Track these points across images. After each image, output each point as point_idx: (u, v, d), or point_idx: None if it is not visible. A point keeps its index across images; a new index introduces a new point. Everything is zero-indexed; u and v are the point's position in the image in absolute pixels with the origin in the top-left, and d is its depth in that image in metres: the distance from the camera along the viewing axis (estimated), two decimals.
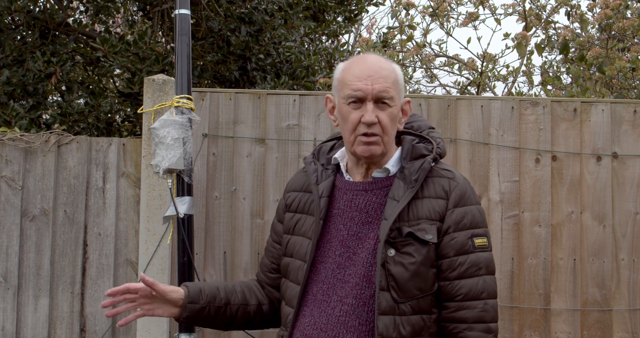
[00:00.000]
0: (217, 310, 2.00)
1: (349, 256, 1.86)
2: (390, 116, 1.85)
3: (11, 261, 3.24)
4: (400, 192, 1.84)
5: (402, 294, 1.79)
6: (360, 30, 9.34)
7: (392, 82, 1.85)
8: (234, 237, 3.26)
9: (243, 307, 2.04)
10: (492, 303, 1.84)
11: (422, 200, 1.85)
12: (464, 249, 1.83)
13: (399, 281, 1.79)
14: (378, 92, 1.83)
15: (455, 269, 1.83)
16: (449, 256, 1.83)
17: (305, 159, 2.05)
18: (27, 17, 4.51)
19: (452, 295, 1.83)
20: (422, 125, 2.02)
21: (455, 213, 1.84)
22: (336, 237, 1.89)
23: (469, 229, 1.85)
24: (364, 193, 1.90)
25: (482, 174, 3.30)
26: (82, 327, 3.25)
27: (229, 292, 2.04)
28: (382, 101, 1.84)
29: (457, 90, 6.79)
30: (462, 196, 1.86)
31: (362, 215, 1.88)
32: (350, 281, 1.84)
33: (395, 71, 1.88)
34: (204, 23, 4.96)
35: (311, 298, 1.88)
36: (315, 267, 1.90)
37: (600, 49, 4.86)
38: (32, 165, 3.28)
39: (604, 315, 3.27)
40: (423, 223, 1.83)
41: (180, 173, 2.91)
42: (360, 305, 1.82)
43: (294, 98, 3.33)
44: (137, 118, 4.79)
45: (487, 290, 1.83)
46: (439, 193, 1.86)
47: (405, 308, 1.79)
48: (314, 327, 1.85)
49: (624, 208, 3.30)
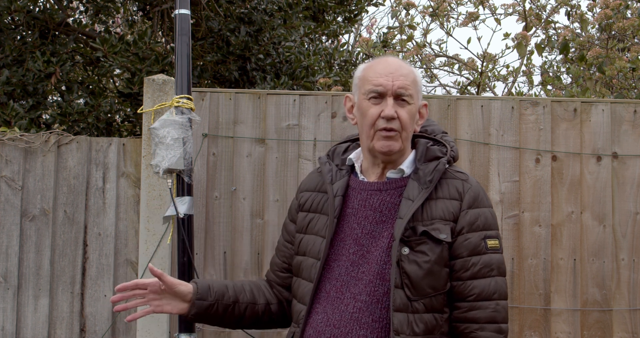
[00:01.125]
0: (225, 308, 2.01)
1: (362, 254, 1.89)
2: (409, 113, 1.89)
3: (11, 261, 3.24)
4: (415, 192, 1.87)
5: (416, 292, 1.81)
6: (360, 30, 9.34)
7: (412, 81, 1.90)
8: (234, 237, 3.25)
9: (251, 305, 2.05)
10: (504, 304, 1.87)
11: (437, 201, 1.88)
12: (477, 250, 1.86)
13: (413, 279, 1.81)
14: (398, 88, 1.87)
15: (468, 269, 1.85)
16: (462, 257, 1.86)
17: (320, 159, 2.08)
18: (27, 17, 4.51)
19: (464, 295, 1.85)
20: (435, 129, 2.06)
21: (469, 214, 1.88)
22: (350, 236, 1.91)
23: (482, 230, 1.88)
24: (379, 192, 1.92)
25: (482, 174, 3.30)
26: (82, 327, 3.25)
27: (237, 290, 2.05)
28: (401, 97, 1.88)
29: (457, 90, 6.78)
30: (475, 198, 1.89)
31: (376, 214, 1.90)
32: (364, 279, 1.86)
33: (414, 72, 1.94)
34: (203, 23, 4.96)
35: (324, 295, 1.90)
36: (329, 265, 1.92)
37: (601, 49, 4.86)
38: (32, 165, 3.28)
39: (604, 315, 3.27)
40: (437, 223, 1.85)
41: (180, 173, 2.91)
42: (374, 302, 1.84)
43: (294, 98, 3.33)
44: (137, 118, 4.79)
45: (498, 290, 1.86)
46: (453, 195, 1.89)
47: (418, 306, 1.82)
48: (327, 324, 1.87)
49: (624, 208, 3.30)
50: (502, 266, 1.90)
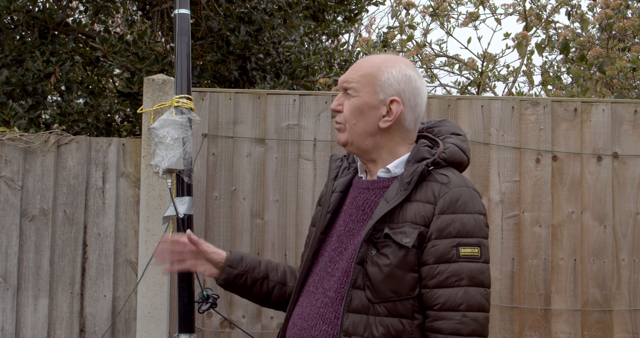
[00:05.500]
0: (253, 281, 2.03)
1: (340, 251, 1.89)
2: (351, 106, 1.87)
3: (10, 261, 3.23)
4: (393, 193, 1.83)
5: (377, 294, 1.77)
6: (360, 30, 9.34)
7: (361, 75, 1.86)
8: (234, 237, 3.25)
9: (280, 285, 2.06)
10: (474, 316, 1.74)
11: (412, 203, 1.82)
12: (446, 257, 1.76)
13: (373, 281, 1.77)
14: (342, 82, 1.89)
15: (434, 277, 1.76)
16: (428, 263, 1.77)
17: (332, 156, 2.09)
18: (26, 17, 4.50)
19: (430, 303, 1.77)
20: (443, 130, 1.98)
21: (441, 220, 1.78)
22: (335, 232, 1.93)
23: (454, 237, 1.77)
24: (366, 191, 1.92)
25: (483, 174, 3.29)
26: (82, 327, 3.24)
27: (270, 268, 2.07)
28: (346, 91, 1.89)
29: (458, 90, 6.78)
30: (451, 203, 1.79)
31: (358, 212, 1.89)
32: (335, 275, 1.86)
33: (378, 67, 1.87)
34: (203, 23, 4.96)
35: (306, 288, 1.93)
36: (317, 259, 1.94)
37: (601, 49, 4.86)
38: (31, 165, 3.28)
39: (604, 315, 3.26)
40: (407, 227, 1.79)
41: (180, 173, 2.90)
42: (338, 299, 1.82)
43: (294, 98, 3.32)
44: (136, 118, 4.79)
45: (467, 301, 1.74)
46: (429, 198, 1.81)
47: (379, 309, 1.77)
48: (300, 317, 1.89)
49: (625, 208, 3.30)
50: (479, 276, 1.76)
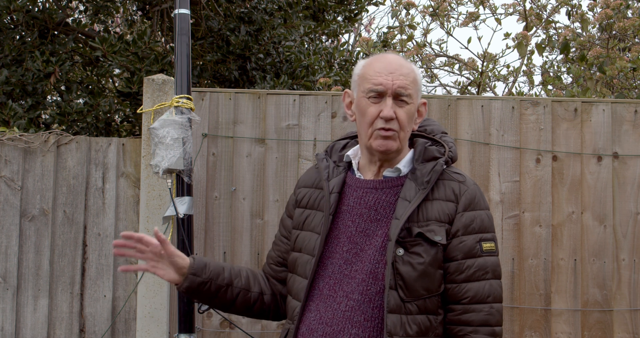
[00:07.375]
0: (218, 289, 2.01)
1: (356, 252, 1.88)
2: (407, 113, 1.88)
3: (10, 261, 3.23)
4: (412, 193, 1.87)
5: (410, 293, 1.81)
6: (360, 29, 9.34)
7: (412, 81, 1.89)
8: (234, 237, 3.25)
9: (244, 291, 2.05)
10: (498, 307, 1.86)
11: (432, 202, 1.87)
12: (472, 253, 1.86)
13: (406, 280, 1.81)
14: (398, 88, 1.86)
15: (462, 272, 1.85)
16: (457, 259, 1.86)
17: (317, 155, 2.07)
18: (26, 17, 4.50)
19: (458, 297, 1.85)
20: (434, 129, 2.05)
21: (465, 217, 1.87)
22: (344, 233, 1.91)
23: (477, 233, 1.87)
24: (375, 191, 1.92)
25: (483, 174, 3.29)
26: (82, 327, 3.24)
27: (233, 274, 2.05)
28: (400, 97, 1.87)
29: (458, 90, 6.78)
30: (471, 201, 1.89)
31: (371, 212, 1.90)
32: (356, 278, 1.86)
33: (415, 71, 1.92)
34: (203, 23, 4.95)
35: (317, 292, 1.90)
36: (323, 262, 1.92)
37: (601, 49, 4.86)
38: (31, 165, 3.28)
39: (604, 315, 3.26)
40: (432, 225, 1.85)
41: (179, 173, 2.90)
42: (366, 302, 1.84)
43: (294, 98, 3.32)
44: (136, 118, 4.78)
45: (493, 293, 1.85)
46: (449, 196, 1.88)
47: (411, 307, 1.82)
48: (320, 321, 1.87)
49: (625, 208, 3.30)
50: (498, 269, 1.90)
